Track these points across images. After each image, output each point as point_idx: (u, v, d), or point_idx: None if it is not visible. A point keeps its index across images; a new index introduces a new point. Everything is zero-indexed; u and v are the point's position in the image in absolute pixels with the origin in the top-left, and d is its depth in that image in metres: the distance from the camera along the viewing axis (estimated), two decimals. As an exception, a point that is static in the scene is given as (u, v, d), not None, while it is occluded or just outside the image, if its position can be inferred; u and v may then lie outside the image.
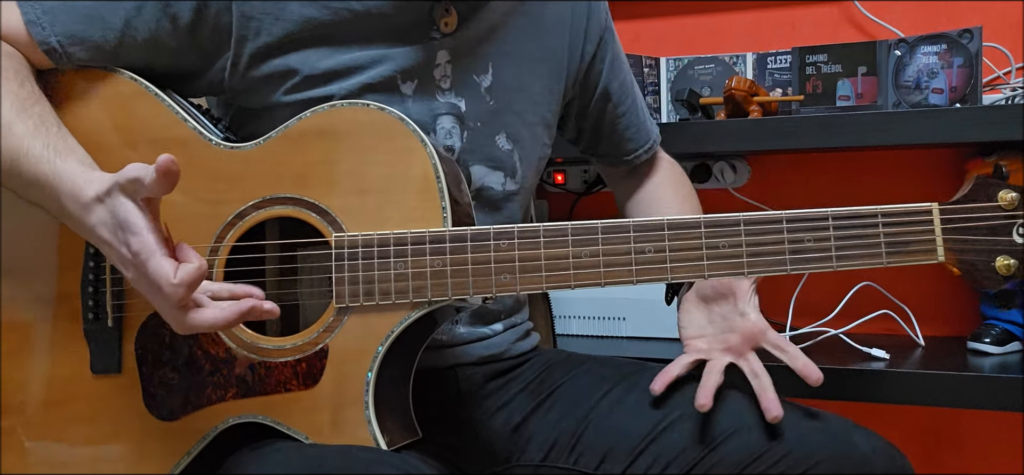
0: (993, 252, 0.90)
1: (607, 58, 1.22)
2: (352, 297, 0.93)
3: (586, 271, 0.92)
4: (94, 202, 0.87)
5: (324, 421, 0.94)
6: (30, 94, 0.96)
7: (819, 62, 1.52)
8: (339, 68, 1.01)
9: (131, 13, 0.98)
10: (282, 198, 0.96)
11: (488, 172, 1.09)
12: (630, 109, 1.26)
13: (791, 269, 0.91)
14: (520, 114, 1.11)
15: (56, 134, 0.93)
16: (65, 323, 0.99)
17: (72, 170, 0.90)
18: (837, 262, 0.91)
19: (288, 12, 1.00)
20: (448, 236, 0.93)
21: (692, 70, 1.71)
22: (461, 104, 1.07)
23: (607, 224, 0.92)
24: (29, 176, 0.92)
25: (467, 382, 1.11)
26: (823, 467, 0.94)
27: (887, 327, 1.61)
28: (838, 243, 0.91)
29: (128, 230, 0.85)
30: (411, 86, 1.04)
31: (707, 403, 0.99)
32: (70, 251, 0.98)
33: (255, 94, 1.02)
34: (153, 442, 0.97)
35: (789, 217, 0.91)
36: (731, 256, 0.91)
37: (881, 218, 0.90)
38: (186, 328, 0.86)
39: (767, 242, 0.91)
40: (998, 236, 0.90)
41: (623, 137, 1.27)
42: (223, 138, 0.98)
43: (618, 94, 1.24)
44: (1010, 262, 0.89)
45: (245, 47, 0.99)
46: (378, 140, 0.94)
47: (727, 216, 0.92)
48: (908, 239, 0.90)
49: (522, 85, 1.12)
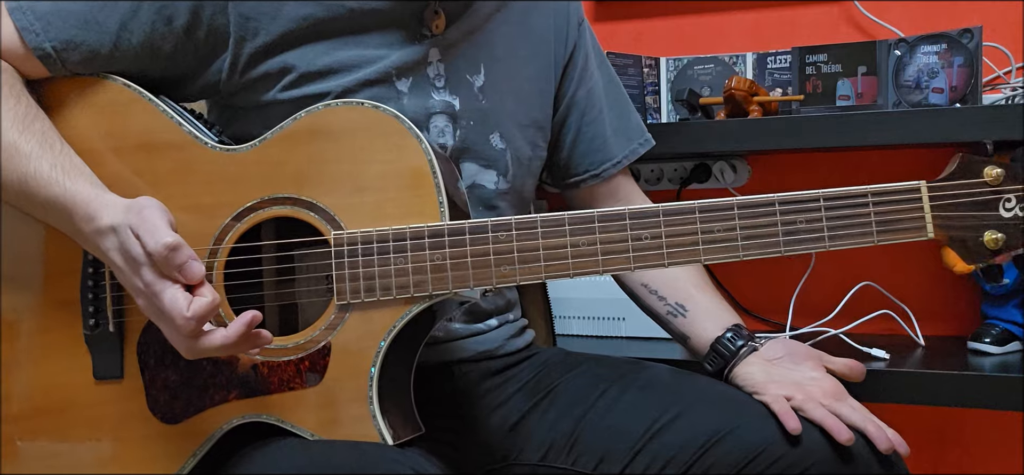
0: (981, 227, 0.91)
1: (578, 63, 1.21)
2: (353, 294, 0.94)
3: (584, 260, 0.93)
4: (108, 230, 0.89)
5: (329, 418, 0.94)
6: (28, 109, 0.96)
7: (819, 62, 1.52)
8: (336, 65, 1.02)
9: (126, 17, 0.98)
10: (280, 198, 0.96)
11: (480, 170, 1.10)
12: (595, 121, 1.21)
13: (784, 251, 0.92)
14: (513, 114, 1.12)
15: (60, 152, 0.94)
16: (65, 330, 0.99)
17: (84, 193, 0.91)
18: (829, 242, 0.92)
19: (285, 10, 1.00)
20: (446, 230, 0.93)
21: (692, 70, 1.71)
22: (455, 102, 1.07)
23: (603, 213, 0.93)
24: (39, 198, 0.92)
25: (464, 379, 1.12)
26: (819, 467, 0.94)
27: (887, 327, 1.61)
28: (830, 224, 0.92)
29: (142, 263, 0.87)
30: (406, 83, 1.05)
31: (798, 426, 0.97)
32: (68, 257, 0.99)
33: (251, 92, 1.02)
34: (158, 445, 0.97)
35: (781, 199, 0.92)
36: (726, 240, 0.92)
37: (871, 197, 0.92)
38: (195, 353, 0.88)
39: (760, 225, 0.92)
40: (985, 211, 0.91)
41: (577, 152, 1.22)
42: (218, 141, 0.99)
43: (583, 107, 1.21)
44: (998, 236, 0.91)
45: (244, 48, 1.00)
46: (374, 138, 0.94)
47: (721, 201, 0.93)
48: (898, 217, 0.92)
49: (514, 86, 1.13)
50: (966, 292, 1.65)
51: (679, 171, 1.75)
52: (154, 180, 0.98)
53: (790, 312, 1.64)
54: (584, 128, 1.22)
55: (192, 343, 0.87)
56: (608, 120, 1.23)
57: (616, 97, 1.25)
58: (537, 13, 1.16)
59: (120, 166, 0.98)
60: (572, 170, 1.23)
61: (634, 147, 1.24)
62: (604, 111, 1.23)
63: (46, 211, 0.93)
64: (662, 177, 1.77)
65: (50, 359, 0.99)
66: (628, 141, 1.24)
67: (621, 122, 1.24)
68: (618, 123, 1.24)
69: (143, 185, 0.97)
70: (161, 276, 0.86)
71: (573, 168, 1.23)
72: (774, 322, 1.73)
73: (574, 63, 1.20)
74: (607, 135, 1.22)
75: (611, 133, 1.23)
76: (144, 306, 0.89)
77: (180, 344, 0.88)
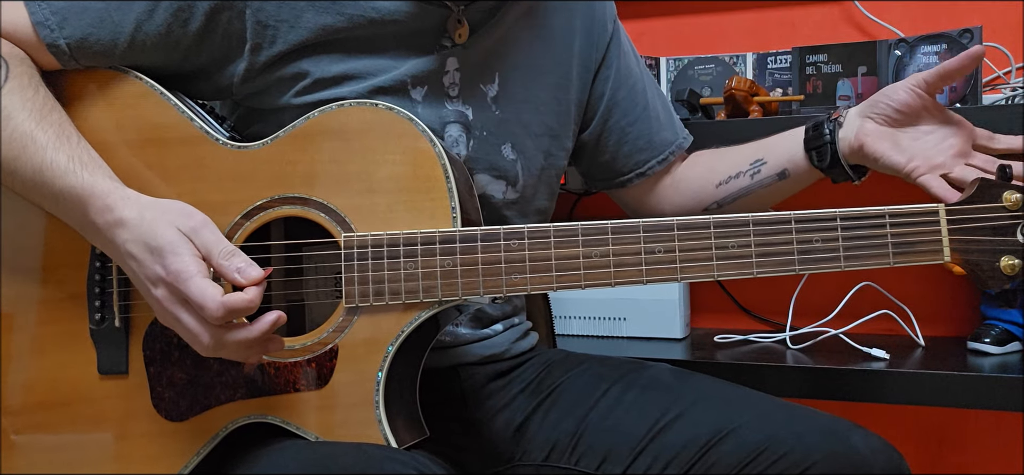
0: (997, 252, 0.91)
1: (613, 64, 1.20)
2: (362, 297, 0.93)
3: (597, 271, 0.92)
4: (126, 222, 0.89)
5: (334, 421, 0.94)
6: (45, 101, 0.95)
7: (819, 62, 1.52)
8: (351, 72, 1.01)
9: (142, 17, 0.98)
10: (290, 198, 0.95)
11: (491, 181, 1.09)
12: (640, 117, 1.22)
13: (799, 269, 0.92)
14: (526, 125, 1.11)
15: (77, 145, 0.93)
16: (70, 324, 0.98)
17: (103, 186, 0.91)
18: (845, 262, 0.91)
19: (304, 20, 0.99)
20: (458, 236, 0.93)
21: (692, 70, 1.71)
22: (468, 112, 1.07)
23: (617, 224, 0.92)
24: (54, 189, 0.91)
25: (470, 382, 1.12)
26: (821, 467, 0.94)
27: (887, 327, 1.62)
28: (846, 243, 0.91)
29: (169, 251, 0.87)
30: (421, 92, 1.04)
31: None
32: (75, 252, 0.98)
33: (265, 96, 1.02)
34: (162, 443, 0.97)
35: (797, 217, 0.92)
36: (740, 256, 0.92)
37: (889, 219, 0.91)
38: (213, 348, 0.87)
39: (776, 242, 0.92)
40: (1002, 236, 0.91)
41: (635, 148, 1.22)
42: (230, 137, 0.98)
43: (626, 103, 1.21)
44: (1014, 262, 0.91)
45: (260, 55, 0.99)
46: (387, 140, 0.94)
47: (736, 216, 0.92)
48: (915, 240, 0.91)
49: (528, 96, 1.11)
50: (966, 292, 1.65)
51: (680, 171, 1.75)
52: (164, 175, 0.97)
53: (790, 312, 1.64)
54: (628, 128, 1.21)
55: (217, 334, 0.86)
56: (653, 118, 1.22)
57: (657, 95, 1.25)
58: (560, 16, 1.15)
59: (131, 159, 0.97)
60: (618, 170, 1.23)
61: (680, 141, 1.24)
62: (648, 108, 1.22)
63: (58, 202, 0.92)
64: (663, 177, 1.76)
65: (54, 353, 0.99)
66: (675, 133, 1.24)
67: (667, 116, 1.25)
68: (664, 118, 1.24)
69: (154, 179, 0.97)
70: (189, 266, 0.86)
71: (619, 168, 1.23)
72: (774, 322, 1.73)
73: (608, 63, 1.19)
74: (652, 132, 1.22)
75: (656, 131, 1.22)
76: (162, 297, 0.88)
77: (201, 336, 0.87)
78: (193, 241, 0.88)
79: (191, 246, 0.88)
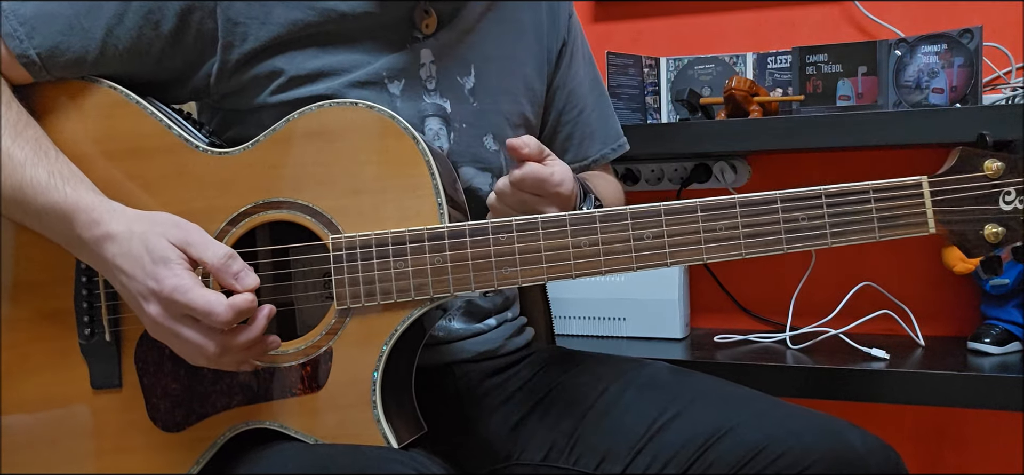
0: (982, 220, 0.92)
1: (565, 58, 1.21)
2: (353, 298, 0.93)
3: (586, 260, 0.92)
4: (115, 236, 0.88)
5: (332, 423, 0.93)
6: (20, 116, 0.95)
7: (819, 62, 1.52)
8: (326, 68, 1.01)
9: (112, 22, 0.97)
10: (275, 202, 0.95)
11: (476, 173, 1.10)
12: (574, 121, 1.23)
13: (788, 248, 0.92)
14: (506, 115, 1.12)
15: (56, 159, 0.93)
16: (59, 340, 0.98)
17: (88, 200, 0.91)
18: (832, 239, 0.92)
19: (274, 16, 0.99)
20: (446, 232, 0.92)
21: (692, 70, 1.71)
22: (446, 105, 1.07)
23: (605, 213, 0.92)
24: (35, 206, 0.91)
25: (465, 379, 1.12)
26: (819, 466, 0.94)
27: (887, 327, 1.62)
28: (832, 220, 0.91)
29: (162, 265, 0.86)
30: (398, 86, 1.04)
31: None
32: (60, 266, 0.97)
33: (241, 96, 1.02)
34: (159, 454, 0.96)
35: (784, 196, 0.92)
36: (728, 238, 0.92)
37: (873, 193, 0.92)
38: (217, 358, 0.87)
39: (763, 222, 0.92)
40: (986, 205, 0.92)
41: (553, 145, 1.22)
42: (209, 144, 0.98)
43: (563, 102, 1.22)
44: (998, 229, 0.91)
45: (232, 52, 0.99)
46: (370, 139, 0.93)
47: (723, 199, 0.92)
48: (900, 213, 0.92)
49: (504, 86, 1.12)
50: (966, 292, 1.65)
51: (679, 171, 1.75)
52: (146, 185, 0.96)
53: (790, 312, 1.64)
54: (562, 123, 1.23)
55: (224, 341, 0.86)
56: (586, 122, 1.24)
57: (598, 98, 1.27)
58: (529, 9, 1.16)
59: (111, 171, 0.96)
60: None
61: (606, 151, 1.26)
62: (584, 112, 1.24)
63: (40, 218, 0.92)
64: (662, 177, 1.77)
65: (46, 370, 0.98)
66: (603, 144, 1.26)
67: (599, 124, 1.26)
68: (596, 125, 1.25)
69: (135, 190, 0.96)
70: (185, 279, 0.86)
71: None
72: (774, 322, 1.73)
73: (563, 56, 1.21)
74: (583, 136, 1.24)
75: (586, 135, 1.24)
76: (156, 314, 0.87)
77: (206, 347, 0.87)
78: (186, 252, 0.88)
79: (183, 258, 0.88)
